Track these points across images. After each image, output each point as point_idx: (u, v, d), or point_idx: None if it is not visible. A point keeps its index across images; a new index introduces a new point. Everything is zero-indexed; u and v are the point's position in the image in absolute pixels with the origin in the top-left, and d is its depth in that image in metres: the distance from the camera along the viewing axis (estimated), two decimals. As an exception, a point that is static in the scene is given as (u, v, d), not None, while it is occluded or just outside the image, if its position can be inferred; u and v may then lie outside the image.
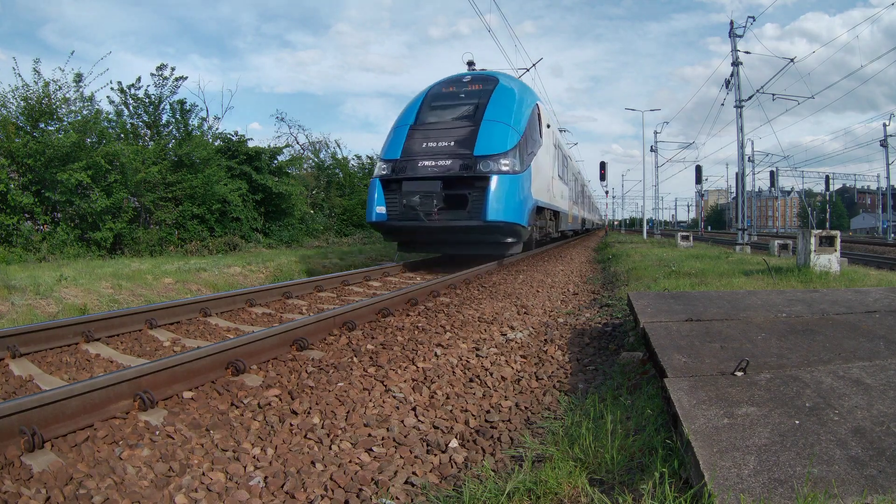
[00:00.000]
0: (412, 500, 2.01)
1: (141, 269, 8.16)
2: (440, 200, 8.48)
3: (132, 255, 12.04)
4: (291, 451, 2.32)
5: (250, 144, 16.82)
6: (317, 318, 4.14)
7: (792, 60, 17.08)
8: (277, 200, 17.04)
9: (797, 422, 2.01)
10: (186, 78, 15.22)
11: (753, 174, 42.30)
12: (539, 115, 10.64)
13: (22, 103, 11.42)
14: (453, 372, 3.44)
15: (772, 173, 45.12)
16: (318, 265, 11.11)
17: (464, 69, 11.30)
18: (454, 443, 2.49)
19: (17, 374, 3.22)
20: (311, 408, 2.74)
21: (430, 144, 8.88)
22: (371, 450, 2.37)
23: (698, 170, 34.74)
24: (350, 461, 2.27)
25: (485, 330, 4.63)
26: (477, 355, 3.82)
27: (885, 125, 35.65)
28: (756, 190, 49.02)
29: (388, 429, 2.58)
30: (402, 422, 2.68)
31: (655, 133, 35.46)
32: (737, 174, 19.78)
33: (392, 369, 3.38)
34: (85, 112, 12.38)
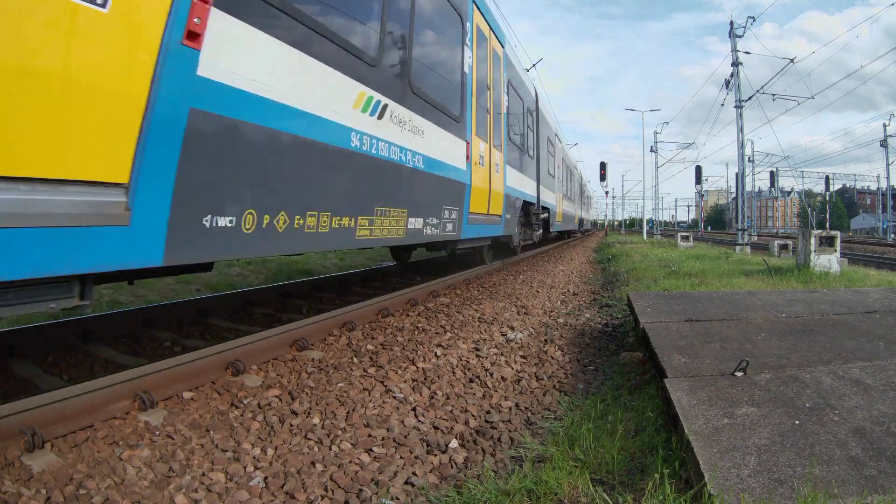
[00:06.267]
0: (412, 501, 2.00)
1: (141, 270, 8.12)
2: None
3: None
4: (291, 451, 2.32)
5: None
6: (317, 318, 4.14)
7: (792, 60, 17.11)
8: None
9: (797, 422, 2.01)
10: None
11: (753, 174, 42.37)
12: None
13: None
14: (453, 372, 3.44)
15: (772, 173, 45.20)
16: (318, 265, 11.10)
17: None
18: (454, 443, 2.49)
19: (17, 373, 3.21)
20: (311, 408, 2.74)
21: None
22: (371, 450, 2.37)
23: (698, 170, 34.82)
24: (350, 461, 2.27)
25: (485, 330, 4.63)
26: (477, 356, 3.82)
27: (885, 125, 35.81)
28: (756, 190, 49.07)
29: (388, 429, 2.58)
30: (402, 422, 2.68)
31: (655, 133, 35.54)
32: (737, 174, 19.77)
33: (392, 369, 3.38)
34: None
